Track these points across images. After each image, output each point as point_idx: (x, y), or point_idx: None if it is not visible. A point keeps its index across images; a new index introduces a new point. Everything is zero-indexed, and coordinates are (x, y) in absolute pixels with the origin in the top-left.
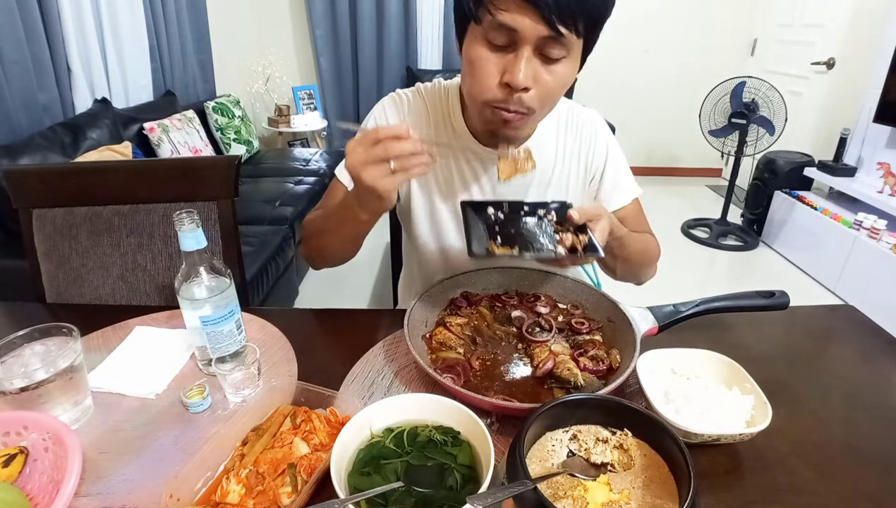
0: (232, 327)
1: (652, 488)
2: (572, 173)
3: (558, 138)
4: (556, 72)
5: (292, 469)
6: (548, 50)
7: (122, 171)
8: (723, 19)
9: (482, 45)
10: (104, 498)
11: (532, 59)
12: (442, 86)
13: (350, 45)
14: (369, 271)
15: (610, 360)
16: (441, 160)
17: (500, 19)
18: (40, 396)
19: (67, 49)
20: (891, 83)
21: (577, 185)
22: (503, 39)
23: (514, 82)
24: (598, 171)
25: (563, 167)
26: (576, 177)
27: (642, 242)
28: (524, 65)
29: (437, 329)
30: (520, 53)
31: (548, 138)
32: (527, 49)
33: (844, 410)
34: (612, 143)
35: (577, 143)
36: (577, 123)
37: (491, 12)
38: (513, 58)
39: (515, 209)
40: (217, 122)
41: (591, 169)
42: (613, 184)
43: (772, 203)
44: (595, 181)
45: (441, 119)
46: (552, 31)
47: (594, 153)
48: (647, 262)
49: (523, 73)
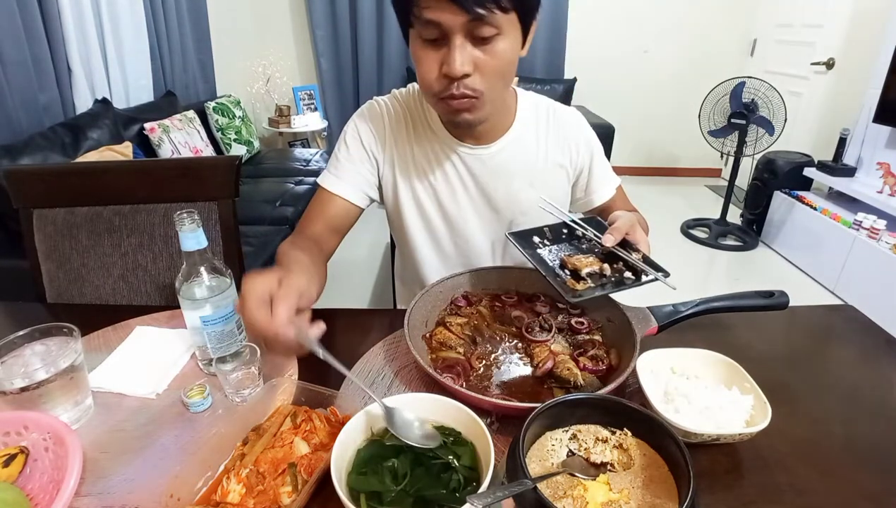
0: (232, 327)
1: (651, 487)
2: (556, 170)
3: (539, 138)
4: (494, 51)
5: (292, 469)
6: (478, 32)
7: (122, 172)
8: (723, 19)
9: (419, 43)
10: (104, 498)
11: (465, 45)
12: (416, 89)
13: (350, 46)
14: (369, 271)
15: (610, 360)
16: (421, 156)
17: (426, 16)
18: (41, 396)
19: (68, 49)
20: (891, 83)
21: (561, 183)
22: (434, 34)
23: (451, 72)
24: (585, 167)
25: (546, 164)
26: (560, 174)
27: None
28: (457, 53)
29: (437, 329)
30: (452, 43)
31: (528, 138)
32: (457, 38)
33: (844, 410)
34: (594, 139)
35: (558, 141)
36: (557, 122)
37: (416, 14)
38: (447, 49)
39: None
40: (217, 123)
41: (576, 165)
42: (600, 179)
43: (771, 203)
44: (583, 176)
45: (418, 120)
46: (471, 15)
47: (578, 150)
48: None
49: (458, 61)
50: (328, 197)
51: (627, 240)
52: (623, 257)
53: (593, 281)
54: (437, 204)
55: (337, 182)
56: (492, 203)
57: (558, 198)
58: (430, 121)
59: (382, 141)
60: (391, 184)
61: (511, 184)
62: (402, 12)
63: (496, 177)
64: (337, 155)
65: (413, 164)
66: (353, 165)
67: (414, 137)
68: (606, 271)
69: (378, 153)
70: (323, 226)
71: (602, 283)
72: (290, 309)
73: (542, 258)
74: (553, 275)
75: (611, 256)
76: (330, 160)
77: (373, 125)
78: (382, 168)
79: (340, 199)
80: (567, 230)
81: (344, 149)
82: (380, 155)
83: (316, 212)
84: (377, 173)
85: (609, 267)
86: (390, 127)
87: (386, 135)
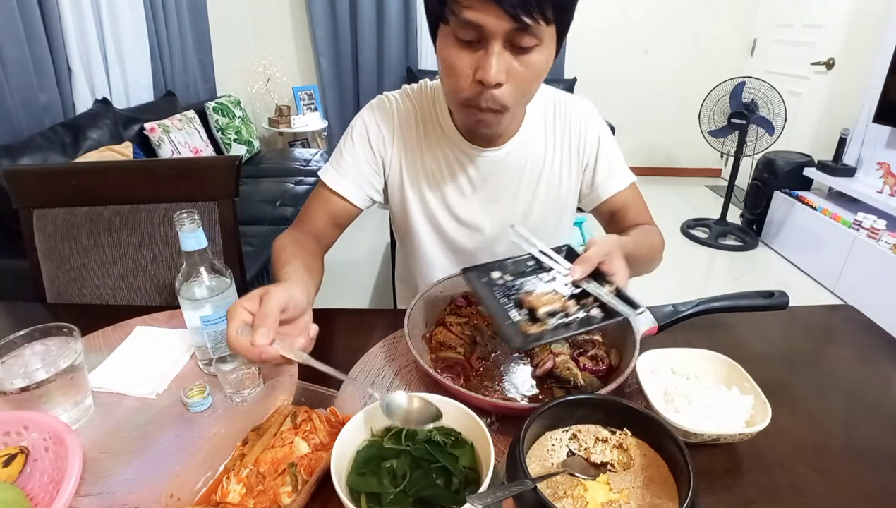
0: None
1: (651, 487)
2: (564, 164)
3: (546, 131)
4: (530, 62)
5: (292, 469)
6: (518, 41)
7: (122, 172)
8: (723, 19)
9: (453, 43)
10: (104, 498)
11: (503, 52)
12: (428, 87)
13: (350, 46)
14: (369, 271)
15: (610, 360)
16: (431, 159)
17: (466, 17)
18: (41, 396)
19: (68, 49)
20: (891, 83)
21: (570, 176)
22: (471, 35)
23: (486, 79)
24: (592, 160)
25: (555, 159)
26: (568, 167)
27: (647, 242)
28: (495, 60)
29: (437, 329)
30: (489, 49)
31: (536, 132)
32: (496, 44)
33: (844, 410)
34: (604, 131)
35: (566, 134)
36: (565, 114)
37: (455, 11)
38: (483, 53)
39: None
40: (217, 123)
41: (584, 158)
42: (607, 172)
43: (771, 203)
44: (590, 168)
45: (429, 119)
46: (518, 24)
47: (586, 142)
48: (653, 259)
49: (494, 68)
50: (328, 193)
51: (602, 270)
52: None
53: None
54: (445, 205)
55: (339, 179)
56: (502, 203)
57: (568, 194)
58: (441, 121)
59: (391, 138)
60: (398, 184)
61: (521, 184)
62: (436, 8)
63: (506, 177)
64: (342, 150)
65: (422, 165)
66: (358, 164)
67: (424, 137)
68: (571, 309)
69: (385, 153)
70: (323, 221)
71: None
72: (269, 332)
73: (495, 297)
74: (504, 318)
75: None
76: (334, 153)
77: (382, 123)
78: (389, 168)
79: (341, 198)
80: (534, 262)
81: (349, 146)
82: (387, 154)
83: (316, 206)
84: (383, 173)
85: (576, 303)
86: (400, 125)
87: (395, 134)
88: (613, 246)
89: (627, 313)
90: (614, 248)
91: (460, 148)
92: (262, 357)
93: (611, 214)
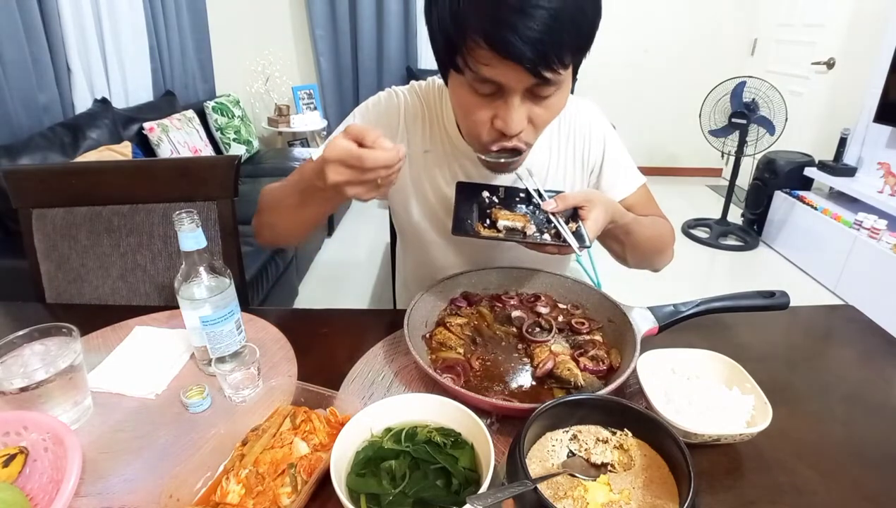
0: (232, 327)
1: (652, 488)
2: (568, 168)
3: (552, 136)
4: (549, 105)
5: (292, 470)
6: (538, 91)
7: (121, 171)
8: (723, 19)
9: (469, 91)
10: (104, 498)
11: (522, 104)
12: (436, 86)
13: (350, 45)
14: (369, 271)
15: (610, 360)
16: (435, 159)
17: (483, 74)
18: (40, 396)
19: (67, 49)
20: (891, 83)
21: (575, 180)
22: (489, 89)
23: (508, 131)
24: (597, 163)
25: (559, 164)
26: (573, 171)
27: (652, 227)
28: (515, 114)
29: (437, 329)
30: (509, 102)
31: (541, 140)
32: (516, 98)
33: (844, 410)
34: (610, 133)
35: (571, 138)
36: (569, 117)
37: (472, 68)
38: (502, 104)
39: (512, 195)
40: (217, 122)
41: (589, 161)
42: (614, 175)
43: (772, 203)
44: (595, 173)
45: (435, 120)
46: (539, 79)
47: (591, 145)
48: (661, 248)
49: (515, 121)
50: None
51: (579, 214)
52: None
53: (508, 234)
54: (448, 206)
55: None
56: None
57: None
58: (447, 124)
59: (395, 135)
60: (400, 181)
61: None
62: (447, 58)
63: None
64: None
65: (425, 164)
66: None
67: (430, 137)
68: (529, 230)
69: None
70: None
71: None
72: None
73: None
74: (465, 216)
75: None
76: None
77: (388, 116)
78: None
79: None
80: (524, 194)
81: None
82: None
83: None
84: None
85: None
86: (405, 123)
87: (399, 130)
88: (599, 197)
89: (572, 244)
90: (598, 200)
91: (465, 153)
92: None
93: None
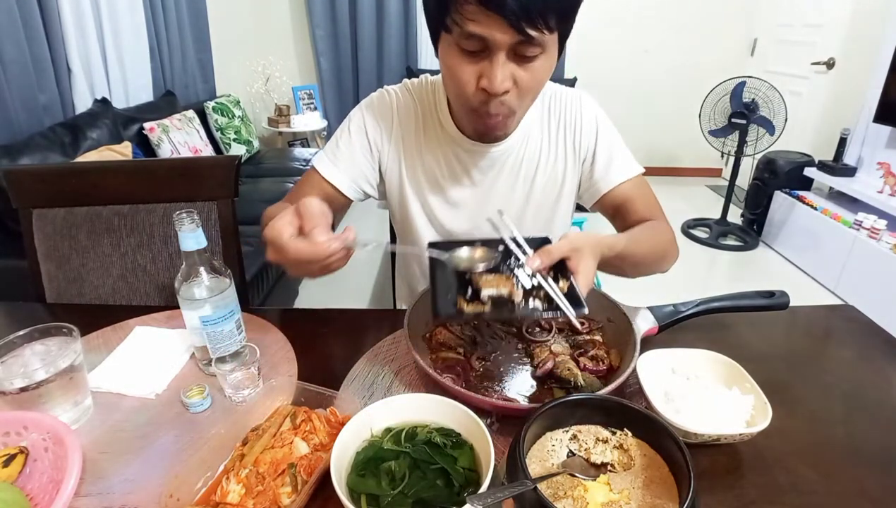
0: (232, 327)
1: (652, 488)
2: (560, 157)
3: (543, 126)
4: (534, 68)
5: (292, 469)
6: (522, 50)
7: (122, 172)
8: (723, 19)
9: (456, 52)
10: (104, 498)
11: (507, 63)
12: (429, 82)
13: (350, 45)
14: (369, 271)
15: (610, 360)
16: (430, 155)
17: (470, 29)
18: (40, 396)
19: (67, 49)
20: (891, 83)
21: (568, 169)
22: (475, 46)
23: (492, 89)
24: (590, 150)
25: (551, 153)
26: (563, 160)
27: (648, 240)
28: (499, 71)
29: (437, 329)
30: (494, 60)
31: (533, 128)
32: (500, 55)
33: (844, 410)
34: (602, 120)
35: (562, 126)
36: (560, 106)
37: (458, 23)
38: (488, 63)
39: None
40: (217, 122)
41: (581, 149)
42: (608, 161)
43: (772, 203)
44: (587, 162)
45: (429, 115)
46: (522, 35)
47: (581, 132)
48: (661, 256)
49: (499, 78)
50: (320, 180)
51: (567, 265)
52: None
53: (494, 307)
54: (445, 201)
55: (333, 169)
56: (500, 198)
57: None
58: (441, 118)
59: (389, 134)
60: (396, 179)
61: (518, 178)
62: (437, 17)
63: (504, 172)
64: (338, 141)
65: (421, 161)
66: (353, 155)
67: (423, 133)
68: (516, 297)
69: (382, 146)
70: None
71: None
72: (325, 229)
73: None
74: (445, 292)
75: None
76: (329, 143)
77: (381, 116)
78: (386, 162)
79: (332, 187)
80: (504, 248)
81: (346, 137)
82: (384, 148)
83: (307, 190)
84: (378, 168)
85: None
86: (399, 120)
87: (393, 128)
88: (585, 243)
89: (569, 313)
90: (585, 246)
91: (460, 144)
92: (329, 254)
93: (615, 209)
